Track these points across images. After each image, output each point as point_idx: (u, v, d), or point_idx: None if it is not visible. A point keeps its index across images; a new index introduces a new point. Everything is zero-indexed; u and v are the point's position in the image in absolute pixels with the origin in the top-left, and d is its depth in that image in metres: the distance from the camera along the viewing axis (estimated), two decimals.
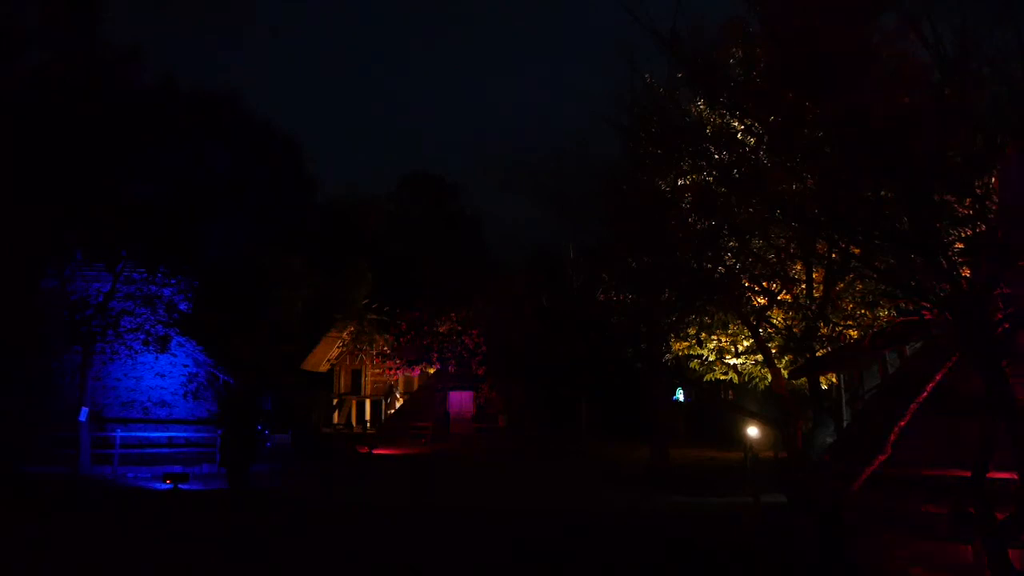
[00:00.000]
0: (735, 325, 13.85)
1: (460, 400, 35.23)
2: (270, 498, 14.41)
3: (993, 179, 6.94)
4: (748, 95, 9.39)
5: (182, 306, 21.82)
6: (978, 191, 6.78)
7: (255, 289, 33.54)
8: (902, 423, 8.51)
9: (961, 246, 7.01)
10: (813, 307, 12.01)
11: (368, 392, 39.09)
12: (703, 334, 14.61)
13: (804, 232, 10.29)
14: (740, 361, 14.75)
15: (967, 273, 6.97)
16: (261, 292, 34.07)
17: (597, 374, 27.93)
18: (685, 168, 12.13)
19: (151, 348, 20.91)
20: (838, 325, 11.95)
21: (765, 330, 12.95)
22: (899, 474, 8.48)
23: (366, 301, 36.32)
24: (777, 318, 12.90)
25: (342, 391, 39.51)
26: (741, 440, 16.75)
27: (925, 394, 8.49)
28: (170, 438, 20.18)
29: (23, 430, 18.92)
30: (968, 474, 6.79)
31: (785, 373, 12.83)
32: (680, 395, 31.01)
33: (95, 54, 18.76)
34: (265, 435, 22.86)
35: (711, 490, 17.07)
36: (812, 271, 12.54)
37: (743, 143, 10.39)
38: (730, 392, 26.21)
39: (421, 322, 33.89)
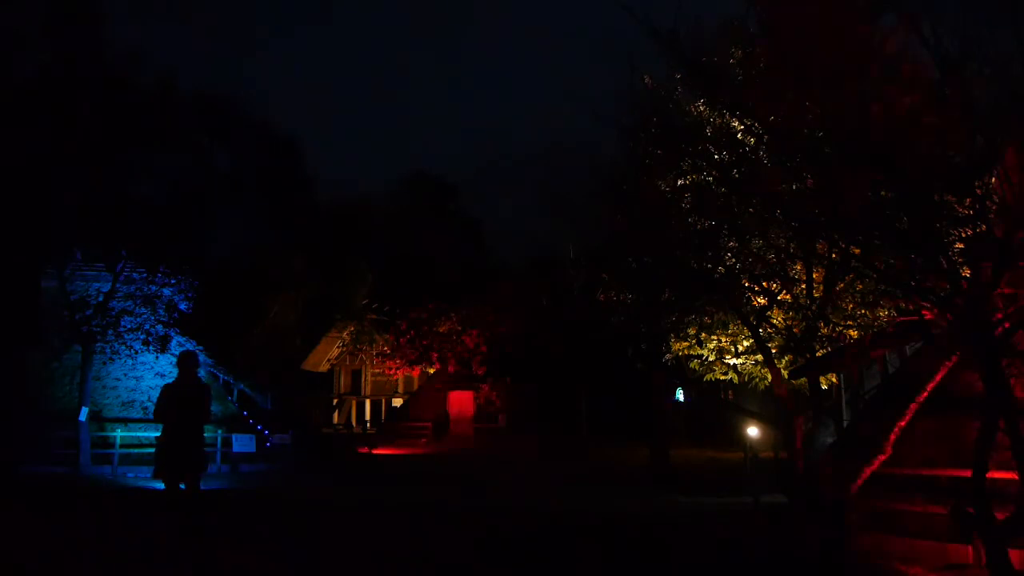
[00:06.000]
0: (735, 325, 13.84)
1: (460, 400, 35.22)
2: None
3: (993, 179, 6.93)
4: (748, 95, 9.39)
5: (182, 306, 21.81)
6: (978, 191, 6.77)
7: (255, 289, 33.62)
8: (902, 423, 8.52)
9: (961, 246, 7.00)
10: (813, 307, 12.00)
11: (368, 392, 39.09)
12: (703, 334, 14.59)
13: (804, 232, 10.28)
14: (740, 361, 14.74)
15: (967, 273, 6.97)
16: (261, 292, 34.16)
17: (597, 374, 27.93)
18: (685, 168, 12.11)
19: (151, 348, 20.91)
20: (838, 325, 11.94)
21: (765, 330, 12.94)
22: (899, 474, 8.48)
23: (366, 301, 36.35)
24: (777, 318, 12.89)
25: (342, 391, 39.53)
26: (741, 440, 16.75)
27: (925, 394, 8.50)
28: None
29: (23, 430, 18.93)
30: (968, 474, 6.79)
31: (785, 373, 12.83)
32: (680, 395, 31.02)
33: (96, 54, 18.78)
34: (265, 435, 22.87)
35: (711, 490, 17.07)
36: (812, 271, 12.53)
37: (743, 143, 10.38)
38: (730, 392, 26.20)
39: (421, 322, 33.90)
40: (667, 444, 21.21)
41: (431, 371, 35.44)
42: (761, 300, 13.05)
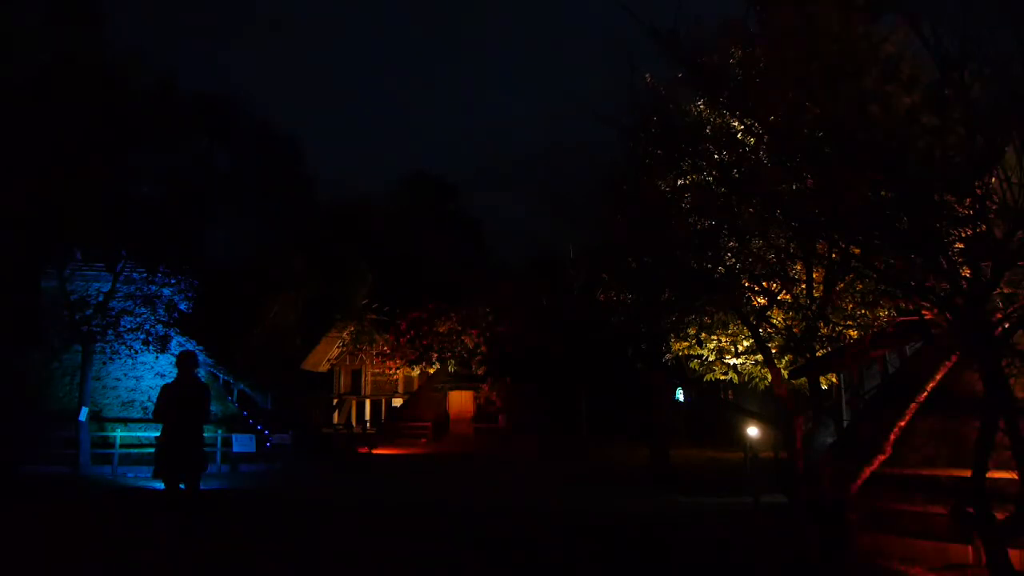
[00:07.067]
0: (735, 325, 13.84)
1: (460, 400, 35.24)
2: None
3: (993, 179, 6.93)
4: (748, 95, 9.39)
5: (182, 306, 21.81)
6: (978, 191, 6.76)
7: (255, 289, 33.61)
8: (902, 423, 8.53)
9: (961, 246, 7.00)
10: (813, 307, 12.00)
11: (368, 392, 39.08)
12: (703, 334, 14.59)
13: (804, 232, 10.28)
14: (740, 361, 14.74)
15: (967, 273, 6.97)
16: (261, 292, 34.15)
17: (597, 374, 27.92)
18: (685, 168, 12.10)
19: (151, 348, 20.90)
20: (838, 325, 11.94)
21: (765, 330, 12.94)
22: (899, 474, 8.49)
23: (366, 301, 36.33)
24: (777, 318, 12.89)
25: (342, 391, 39.51)
26: (741, 440, 16.76)
27: (925, 394, 8.50)
28: None
29: (23, 430, 18.92)
30: (968, 474, 6.79)
31: (785, 373, 12.83)
32: (680, 395, 31.02)
33: (96, 54, 18.77)
34: (265, 435, 22.88)
35: (711, 490, 17.07)
36: (812, 271, 12.53)
37: (743, 143, 10.39)
38: (730, 392, 26.20)
39: (421, 322, 33.90)
40: (667, 444, 21.21)
41: (431, 371, 35.45)
42: (761, 300, 13.05)
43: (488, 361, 33.18)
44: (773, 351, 12.77)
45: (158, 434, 8.53)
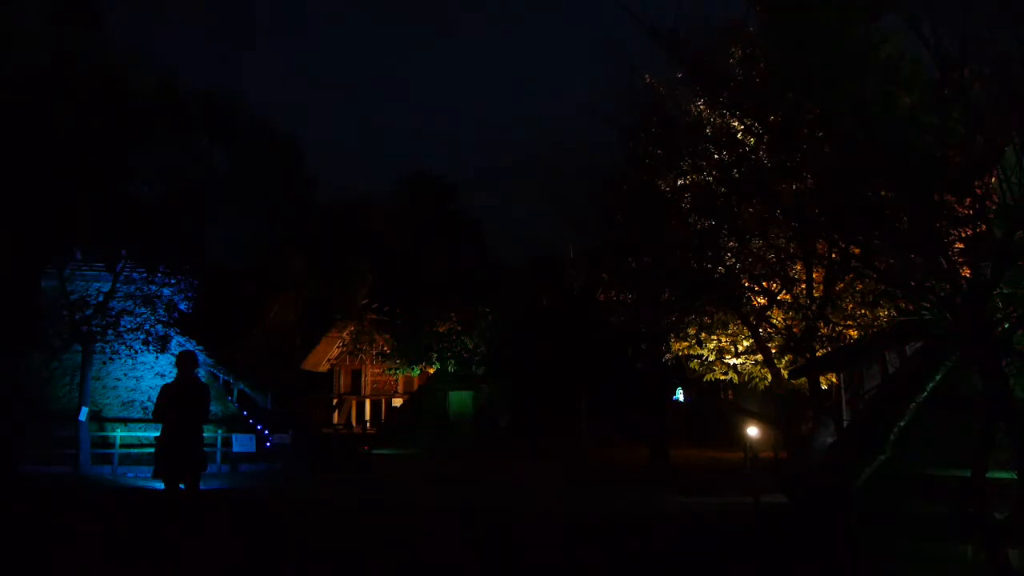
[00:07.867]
0: (735, 325, 13.86)
1: (460, 400, 35.21)
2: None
3: (993, 179, 6.93)
4: (748, 95, 9.40)
5: (182, 306, 21.81)
6: (978, 191, 6.77)
7: (255, 289, 33.62)
8: (902, 423, 8.53)
9: (961, 246, 7.00)
10: (813, 307, 12.02)
11: (368, 392, 39.06)
12: (703, 334, 14.61)
13: (804, 232, 10.30)
14: (740, 361, 14.76)
15: (967, 273, 6.97)
16: (261, 292, 34.16)
17: (597, 375, 27.95)
18: (685, 168, 12.13)
19: (151, 348, 20.89)
20: (838, 325, 11.95)
21: (765, 330, 12.96)
22: (899, 474, 8.49)
23: (366, 301, 36.28)
24: (777, 318, 12.91)
25: (342, 391, 39.48)
26: (741, 440, 16.76)
27: (925, 394, 8.50)
28: None
29: (23, 430, 18.92)
30: (968, 474, 6.79)
31: (785, 373, 12.84)
32: (680, 395, 31.01)
33: (96, 54, 18.77)
34: (265, 435, 22.88)
35: (711, 490, 17.06)
36: (812, 271, 12.55)
37: (743, 143, 10.42)
38: (730, 392, 26.22)
39: (421, 322, 33.87)
40: (667, 444, 21.22)
41: (431, 371, 35.43)
42: (761, 300, 13.07)
43: (488, 361, 33.17)
44: (773, 351, 12.79)
45: (158, 434, 8.52)
